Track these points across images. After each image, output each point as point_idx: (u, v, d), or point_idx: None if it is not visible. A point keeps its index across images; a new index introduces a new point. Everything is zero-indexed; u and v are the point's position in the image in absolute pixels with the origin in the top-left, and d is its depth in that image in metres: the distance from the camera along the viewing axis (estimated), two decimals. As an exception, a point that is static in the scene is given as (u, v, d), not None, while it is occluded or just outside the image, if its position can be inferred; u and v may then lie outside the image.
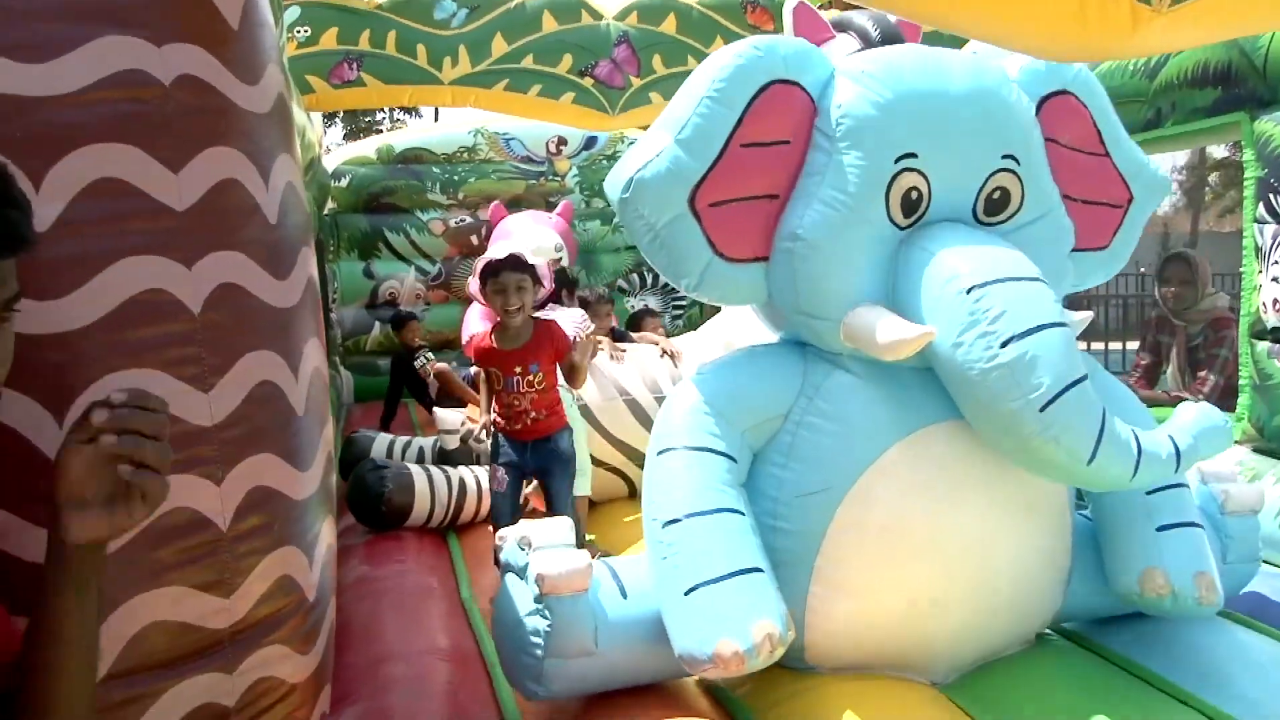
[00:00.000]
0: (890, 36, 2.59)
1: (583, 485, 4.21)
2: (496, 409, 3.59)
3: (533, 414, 3.49)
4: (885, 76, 2.36)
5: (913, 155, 2.32)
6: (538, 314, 4.18)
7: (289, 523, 1.77)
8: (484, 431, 3.75)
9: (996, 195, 2.44)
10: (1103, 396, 2.24)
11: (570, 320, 4.48)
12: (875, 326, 2.25)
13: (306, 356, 1.88)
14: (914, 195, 2.35)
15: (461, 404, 5.76)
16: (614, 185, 2.37)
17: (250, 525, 1.66)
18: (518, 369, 3.43)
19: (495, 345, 3.49)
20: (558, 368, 3.59)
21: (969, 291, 2.19)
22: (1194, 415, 2.34)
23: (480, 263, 3.48)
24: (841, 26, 2.64)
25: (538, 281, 3.48)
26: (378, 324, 7.76)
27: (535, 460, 3.57)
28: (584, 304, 4.94)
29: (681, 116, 2.31)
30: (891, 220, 2.35)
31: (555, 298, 4.72)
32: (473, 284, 3.62)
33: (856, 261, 2.34)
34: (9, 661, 1.16)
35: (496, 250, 3.48)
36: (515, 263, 3.39)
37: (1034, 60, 2.56)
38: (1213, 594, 2.46)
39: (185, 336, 1.55)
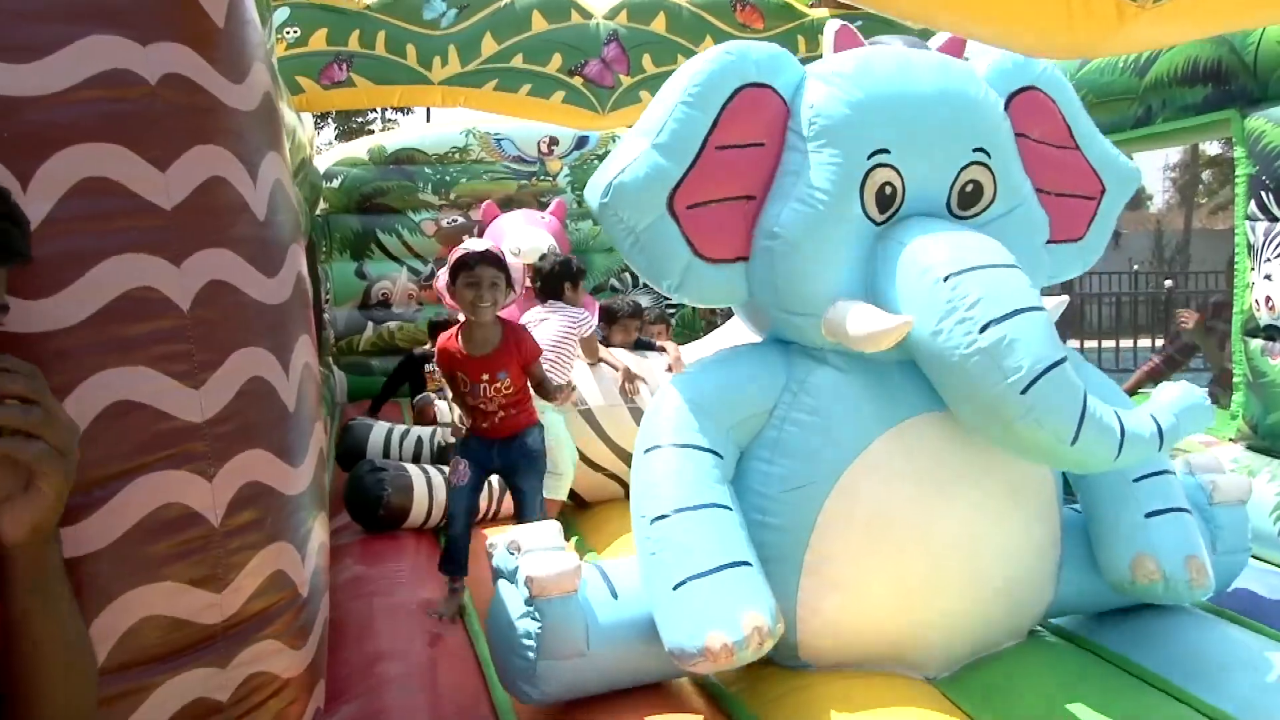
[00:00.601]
0: None
1: (557, 489, 4.11)
2: (462, 412, 3.44)
3: (501, 414, 3.35)
4: (855, 76, 2.41)
5: (885, 151, 2.37)
6: (546, 304, 4.10)
7: (281, 518, 1.77)
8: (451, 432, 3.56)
9: (969, 188, 2.48)
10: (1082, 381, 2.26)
11: (568, 320, 4.33)
12: (854, 319, 2.27)
13: (297, 353, 1.88)
14: (888, 190, 2.39)
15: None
16: (594, 191, 2.41)
17: (242, 521, 1.66)
18: (485, 376, 3.30)
19: (462, 350, 3.32)
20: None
21: (945, 280, 2.23)
22: (1175, 394, 2.38)
23: (455, 254, 3.31)
24: None
25: (510, 284, 3.33)
26: (371, 324, 7.76)
27: (502, 458, 3.42)
28: (611, 315, 4.78)
29: (657, 122, 2.36)
30: (867, 216, 2.39)
31: (558, 293, 4.52)
32: (442, 278, 3.38)
33: (834, 257, 2.37)
34: None
35: (474, 244, 3.33)
36: (492, 258, 3.25)
37: (1001, 58, 2.62)
38: (1204, 577, 2.49)
39: (175, 333, 1.55)
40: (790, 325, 2.47)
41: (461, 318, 3.42)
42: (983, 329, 2.16)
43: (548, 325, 4.32)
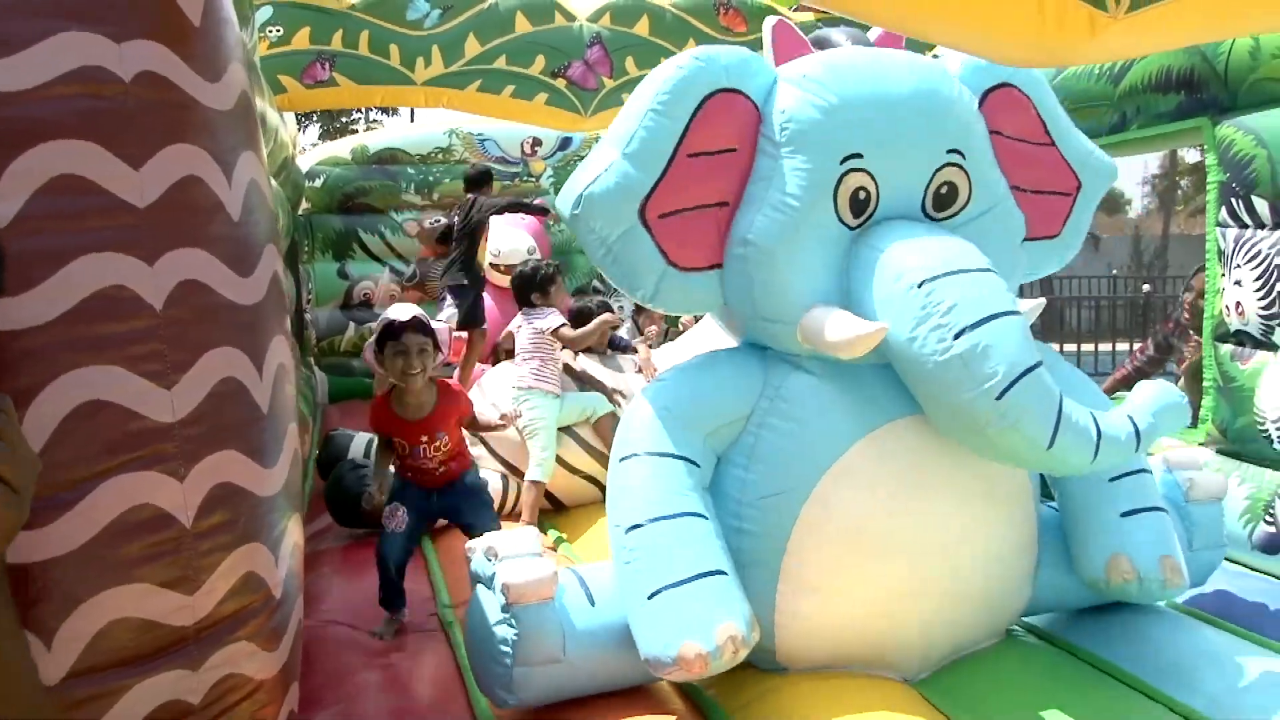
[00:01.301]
0: None
1: (539, 472, 4.24)
2: (398, 469, 3.39)
3: (442, 469, 3.35)
4: (827, 79, 2.39)
5: (858, 155, 2.35)
6: (522, 312, 4.05)
7: (254, 519, 1.77)
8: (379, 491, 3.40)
9: (944, 190, 2.47)
10: (1059, 382, 2.26)
11: (532, 326, 4.41)
12: (829, 326, 2.27)
13: (272, 353, 1.87)
14: (861, 195, 2.38)
15: None
16: (565, 202, 2.39)
17: (214, 522, 1.65)
18: (424, 438, 3.28)
19: (398, 416, 3.30)
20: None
21: (920, 286, 2.22)
22: (1152, 393, 2.37)
23: (379, 324, 3.27)
24: (820, 44, 2.66)
25: (438, 347, 3.30)
26: (353, 324, 7.72)
27: (443, 502, 3.41)
28: (583, 318, 4.75)
29: (627, 130, 2.34)
30: (841, 221, 2.38)
31: (528, 302, 4.61)
32: (369, 350, 3.33)
33: (809, 264, 2.36)
34: None
35: (397, 311, 3.27)
36: (418, 325, 3.23)
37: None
38: (1178, 577, 2.50)
39: (147, 333, 1.55)
40: (766, 332, 2.46)
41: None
42: (957, 335, 2.17)
43: (523, 333, 4.51)
